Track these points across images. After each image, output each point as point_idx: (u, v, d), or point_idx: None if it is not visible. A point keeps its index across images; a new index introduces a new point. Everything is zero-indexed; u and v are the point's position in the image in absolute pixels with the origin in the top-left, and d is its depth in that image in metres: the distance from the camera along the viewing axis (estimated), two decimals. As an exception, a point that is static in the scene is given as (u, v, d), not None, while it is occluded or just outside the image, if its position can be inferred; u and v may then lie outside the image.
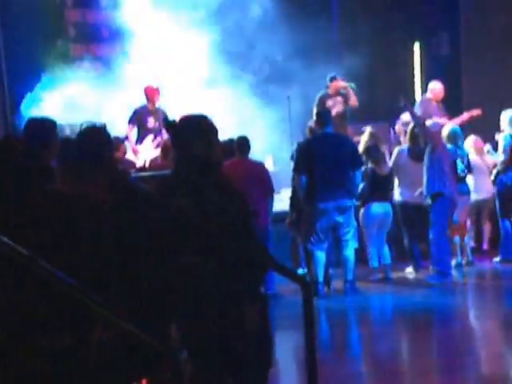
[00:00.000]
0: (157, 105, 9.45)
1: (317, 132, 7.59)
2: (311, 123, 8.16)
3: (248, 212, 3.35)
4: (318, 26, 11.06)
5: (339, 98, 9.68)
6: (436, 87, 9.83)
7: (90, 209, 3.50)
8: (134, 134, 9.50)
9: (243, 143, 7.23)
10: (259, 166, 7.44)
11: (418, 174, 7.92)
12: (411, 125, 8.30)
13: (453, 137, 8.32)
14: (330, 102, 9.65)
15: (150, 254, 3.24)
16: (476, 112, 9.56)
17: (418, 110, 9.57)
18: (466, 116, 9.56)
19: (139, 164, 8.96)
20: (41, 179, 3.76)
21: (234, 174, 6.49)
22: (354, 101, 9.61)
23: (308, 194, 7.22)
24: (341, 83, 9.74)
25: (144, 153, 9.27)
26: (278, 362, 4.89)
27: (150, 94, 9.42)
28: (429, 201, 7.72)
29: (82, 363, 3.24)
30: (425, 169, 7.68)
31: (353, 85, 9.77)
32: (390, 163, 8.22)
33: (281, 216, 7.91)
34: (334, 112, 9.37)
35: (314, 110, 9.44)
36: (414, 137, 8.12)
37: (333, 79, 9.75)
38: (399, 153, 8.22)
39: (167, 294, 3.16)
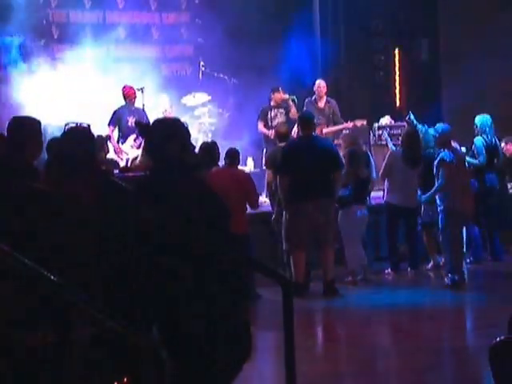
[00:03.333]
0: (135, 104, 9.53)
1: (285, 136, 7.86)
2: (280, 128, 8.36)
3: (226, 214, 3.40)
4: (300, 30, 11.19)
5: (281, 110, 9.88)
6: (318, 84, 10.04)
7: (73, 207, 3.55)
8: (115, 134, 9.54)
9: (234, 155, 7.35)
10: (246, 177, 7.50)
11: (410, 178, 8.08)
12: (406, 129, 8.44)
13: (428, 141, 8.48)
14: (272, 113, 9.84)
15: (130, 254, 3.28)
16: (359, 122, 9.81)
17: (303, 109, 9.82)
18: (346, 125, 9.81)
19: (122, 164, 9.00)
20: (24, 177, 3.81)
21: (220, 181, 6.62)
22: (293, 113, 9.72)
23: (289, 194, 7.31)
24: (282, 95, 9.93)
25: (127, 152, 9.31)
26: (256, 361, 4.96)
27: (128, 93, 9.49)
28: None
29: (64, 361, 3.28)
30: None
31: (294, 97, 9.93)
32: (383, 166, 8.32)
33: (262, 217, 8.00)
34: (274, 122, 9.58)
35: (258, 123, 9.70)
36: (408, 141, 8.24)
37: (275, 91, 9.91)
38: (393, 156, 8.31)
39: (147, 294, 3.20)
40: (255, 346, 3.57)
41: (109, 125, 9.45)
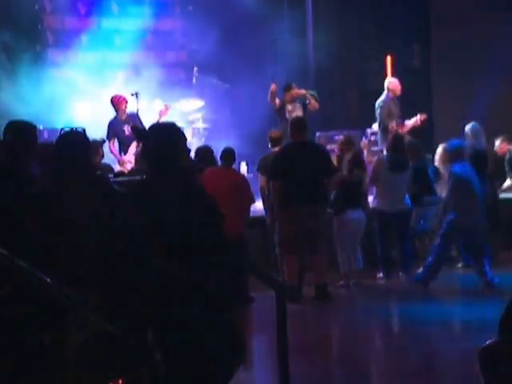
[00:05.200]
0: (127, 112, 9.53)
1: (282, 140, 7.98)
2: (270, 133, 8.44)
3: (221, 217, 3.44)
4: (292, 36, 11.25)
5: (297, 104, 9.88)
6: (394, 83, 10.07)
7: (70, 210, 3.59)
8: (116, 147, 9.57)
9: (229, 154, 7.42)
10: (241, 177, 7.60)
11: (397, 183, 8.14)
12: (393, 136, 8.51)
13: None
14: (289, 107, 9.85)
15: (126, 257, 3.32)
16: (423, 117, 9.85)
17: (382, 110, 9.86)
18: (414, 122, 9.82)
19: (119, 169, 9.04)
20: (21, 181, 3.85)
21: (215, 181, 6.70)
22: (313, 104, 9.73)
23: (282, 199, 7.37)
24: (298, 91, 9.91)
25: (131, 161, 9.33)
26: (250, 364, 5.01)
27: (117, 102, 9.44)
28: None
29: (60, 362, 3.32)
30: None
31: (313, 92, 9.95)
32: (370, 171, 8.38)
33: (256, 221, 8.06)
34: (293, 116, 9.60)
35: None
36: (395, 146, 8.31)
37: (290, 88, 9.92)
38: (380, 162, 8.37)
39: (143, 296, 3.24)
40: (248, 349, 3.62)
41: (108, 140, 9.39)
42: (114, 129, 9.45)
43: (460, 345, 5.90)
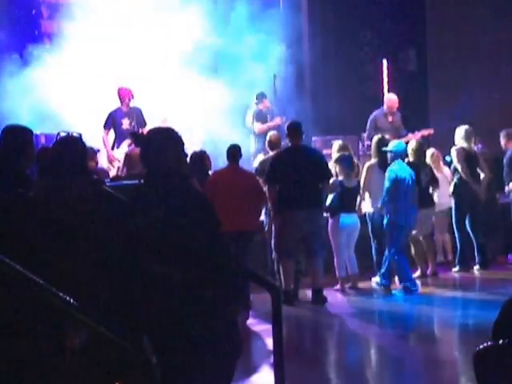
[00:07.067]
0: (131, 105, 9.57)
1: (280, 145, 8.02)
2: (269, 137, 8.46)
3: (217, 222, 3.46)
4: (289, 41, 11.28)
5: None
6: (389, 98, 10.09)
7: (66, 215, 3.60)
8: (110, 139, 9.59)
9: (235, 151, 7.42)
10: (249, 174, 7.63)
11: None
12: (376, 138, 8.53)
13: (417, 150, 8.57)
14: (269, 117, 9.94)
15: (123, 260, 3.33)
16: (426, 132, 9.85)
17: (369, 123, 9.90)
18: (417, 135, 9.80)
19: (113, 172, 9.03)
20: (17, 185, 3.87)
21: (227, 181, 6.69)
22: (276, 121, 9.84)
23: (279, 203, 7.39)
24: (270, 106, 10.10)
25: (119, 160, 9.34)
26: (246, 367, 5.02)
27: (123, 94, 9.56)
28: None
29: (56, 367, 3.32)
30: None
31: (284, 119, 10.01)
32: (361, 176, 8.39)
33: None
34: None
35: (255, 124, 9.68)
36: (378, 149, 8.33)
37: (263, 97, 10.02)
38: (370, 166, 8.40)
39: (139, 300, 3.25)
40: (245, 352, 3.63)
41: (104, 127, 9.53)
42: (113, 119, 9.51)
43: (457, 348, 5.92)
